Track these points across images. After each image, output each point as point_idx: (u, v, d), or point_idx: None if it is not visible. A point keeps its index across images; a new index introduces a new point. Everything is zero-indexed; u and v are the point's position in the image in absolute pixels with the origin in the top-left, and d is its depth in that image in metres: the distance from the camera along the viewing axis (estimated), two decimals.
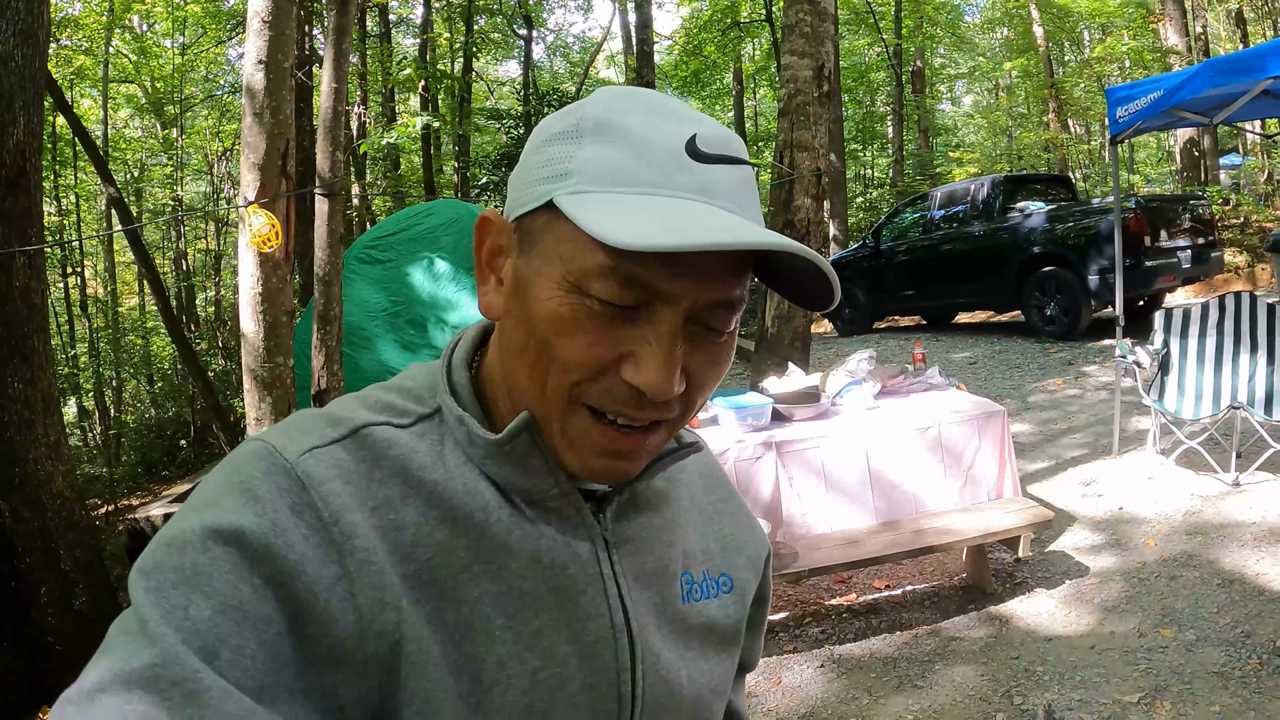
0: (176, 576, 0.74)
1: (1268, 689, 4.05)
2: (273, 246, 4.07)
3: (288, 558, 0.77)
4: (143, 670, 0.69)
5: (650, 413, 0.84)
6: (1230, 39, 28.02)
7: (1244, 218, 19.42)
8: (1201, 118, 7.59)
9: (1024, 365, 11.50)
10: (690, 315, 0.82)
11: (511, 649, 0.87)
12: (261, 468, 0.81)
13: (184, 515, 0.79)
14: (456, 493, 0.87)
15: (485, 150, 22.17)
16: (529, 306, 0.83)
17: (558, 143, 0.84)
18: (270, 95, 3.87)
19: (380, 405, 0.91)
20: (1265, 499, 6.18)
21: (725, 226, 0.77)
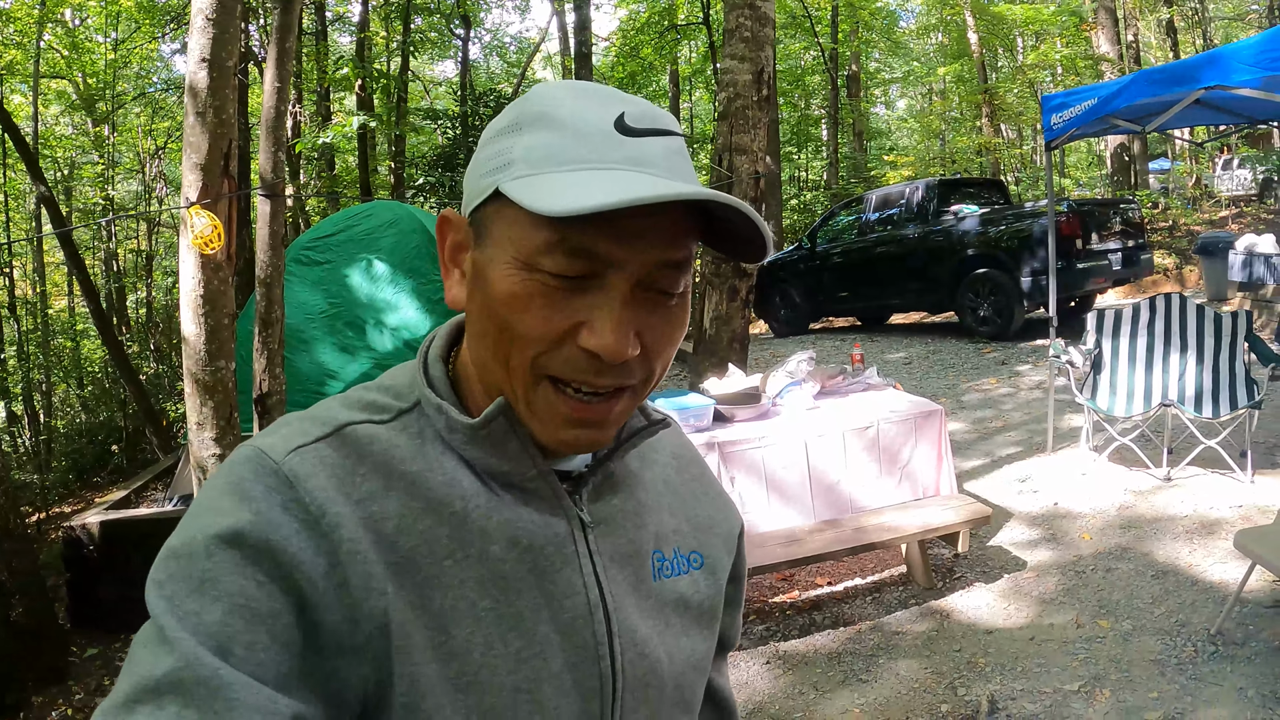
0: (187, 585, 0.78)
1: (1204, 675, 4.16)
2: (215, 248, 4.02)
3: (286, 550, 0.81)
4: (167, 676, 0.74)
5: (609, 378, 0.87)
6: (1161, 47, 28.66)
7: (1173, 221, 19.88)
8: (1134, 125, 7.75)
9: (958, 365, 11.67)
10: (639, 281, 0.85)
11: (495, 631, 0.89)
12: (251, 469, 0.85)
13: (187, 524, 0.82)
14: (437, 483, 0.90)
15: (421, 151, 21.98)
16: (487, 291, 0.87)
17: (501, 138, 0.89)
18: (213, 94, 3.81)
19: (361, 404, 0.94)
20: (1196, 493, 6.35)
21: (653, 186, 0.80)
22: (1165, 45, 28.02)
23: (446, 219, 0.95)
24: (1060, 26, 27.31)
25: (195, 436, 4.22)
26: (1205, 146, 23.23)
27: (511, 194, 0.82)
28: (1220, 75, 5.65)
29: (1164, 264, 16.81)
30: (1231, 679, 4.11)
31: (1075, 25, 26.64)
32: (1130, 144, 22.02)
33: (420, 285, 7.30)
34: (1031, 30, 29.20)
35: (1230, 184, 24.02)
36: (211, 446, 4.19)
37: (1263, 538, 4.37)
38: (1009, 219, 12.67)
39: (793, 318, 15.27)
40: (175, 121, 20.02)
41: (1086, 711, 3.98)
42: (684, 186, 0.81)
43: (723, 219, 0.88)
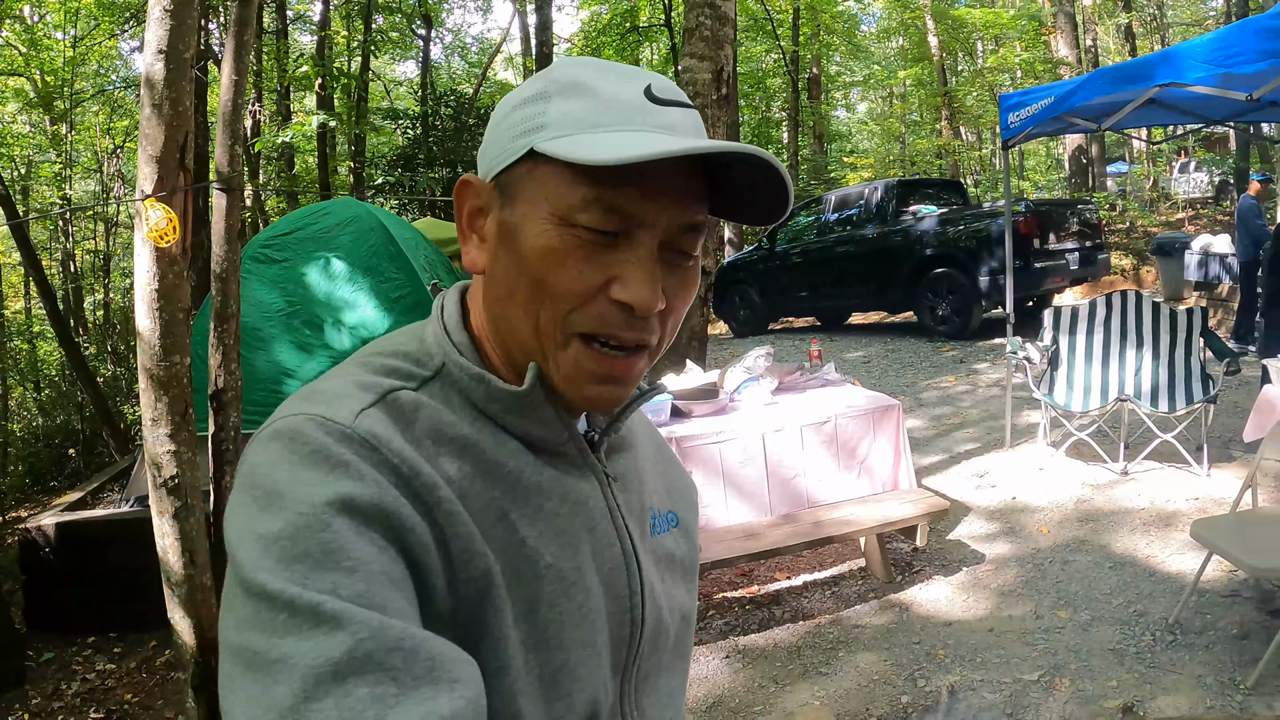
0: (309, 563, 0.72)
1: (1162, 664, 4.20)
2: (170, 241, 3.96)
3: (398, 513, 0.79)
4: (349, 654, 0.69)
5: (636, 333, 0.90)
6: (1119, 52, 29.02)
7: (1130, 222, 20.11)
8: (1090, 124, 7.81)
9: (917, 364, 11.74)
10: (664, 241, 0.90)
11: (558, 587, 0.91)
12: (328, 435, 0.81)
13: (268, 504, 0.76)
14: (487, 444, 0.91)
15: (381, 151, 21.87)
16: (519, 248, 0.89)
17: (527, 105, 0.91)
18: (170, 86, 3.75)
19: (387, 370, 0.92)
20: (1152, 486, 6.42)
21: (686, 142, 0.83)
22: (1123, 50, 28.38)
23: (468, 182, 0.96)
24: (1020, 31, 27.59)
25: (149, 433, 4.14)
26: (1163, 149, 23.53)
27: (552, 150, 0.85)
28: (1175, 73, 5.70)
29: (1121, 264, 16.99)
30: (1190, 667, 4.15)
31: (1034, 30, 26.92)
32: (1088, 146, 22.28)
33: (378, 284, 7.24)
34: (991, 34, 29.52)
35: (1187, 186, 24.35)
36: (166, 443, 4.12)
37: (1219, 528, 4.41)
38: (967, 219, 12.78)
39: (751, 318, 15.31)
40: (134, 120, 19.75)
41: (1046, 701, 3.99)
42: (725, 143, 0.84)
43: (738, 184, 0.93)
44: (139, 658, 5.78)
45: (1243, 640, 4.32)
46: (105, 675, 5.60)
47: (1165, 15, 31.10)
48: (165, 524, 4.15)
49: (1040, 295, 13.05)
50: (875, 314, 15.93)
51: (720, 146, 0.83)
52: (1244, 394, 8.11)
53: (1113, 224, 19.55)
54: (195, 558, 4.22)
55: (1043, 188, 27.03)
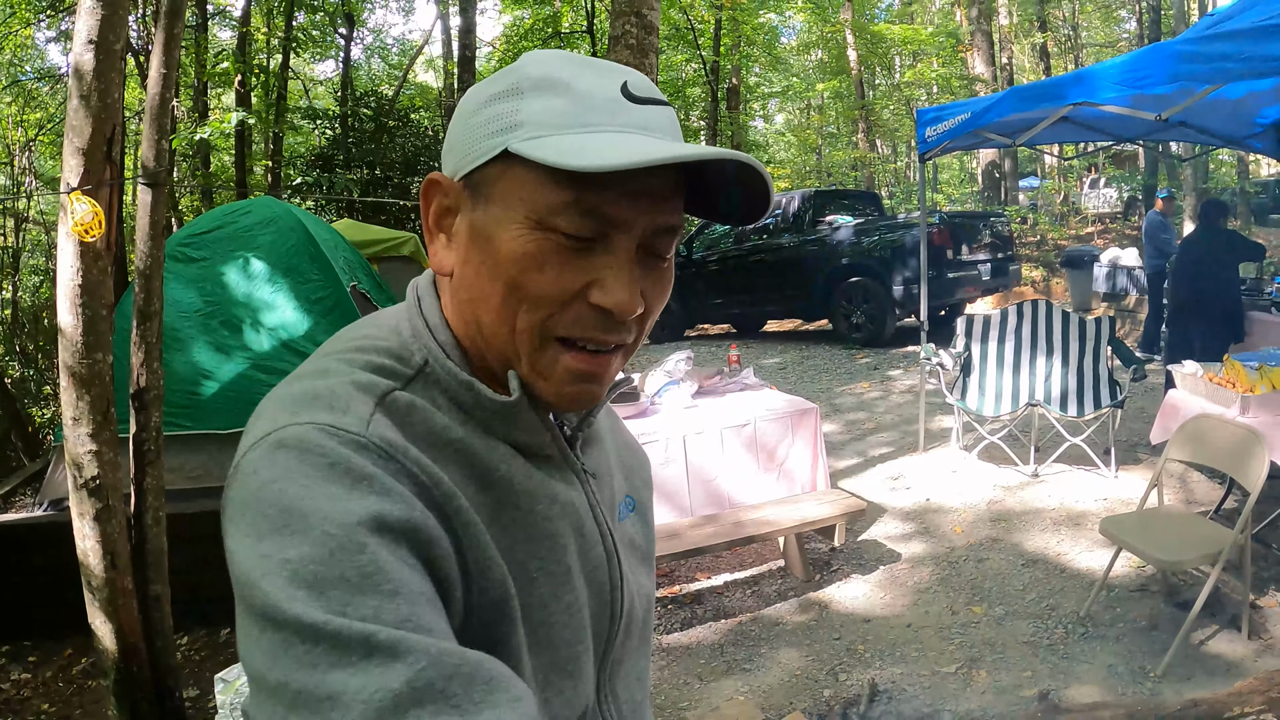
0: (346, 589, 0.69)
1: (1074, 654, 4.36)
2: (95, 235, 3.90)
3: (427, 527, 0.77)
4: (409, 685, 0.65)
5: (615, 335, 0.89)
6: (1034, 70, 29.78)
7: (1040, 235, 20.67)
8: (1005, 139, 8.01)
9: (832, 370, 11.91)
10: (640, 243, 0.88)
11: (549, 589, 0.92)
12: (342, 446, 0.77)
13: (285, 525, 0.72)
14: (479, 449, 0.89)
15: (298, 151, 21.57)
16: (493, 252, 0.87)
17: (498, 102, 0.89)
18: (99, 77, 3.68)
19: (375, 367, 0.89)
20: (1062, 487, 6.63)
21: (673, 148, 0.83)
22: (1039, 68, 29.18)
23: (435, 181, 0.94)
24: (938, 47, 28.19)
25: (70, 432, 4.06)
26: (1074, 165, 24.14)
27: (530, 152, 0.83)
28: (1088, 92, 5.86)
29: (1031, 276, 17.43)
30: (1101, 657, 4.31)
31: (952, 46, 27.54)
32: (1001, 161, 22.82)
33: (298, 285, 7.15)
34: (909, 50, 30.12)
35: (1097, 201, 25.06)
36: (87, 442, 4.04)
37: (1127, 525, 4.58)
38: (882, 230, 13.03)
39: (669, 323, 15.33)
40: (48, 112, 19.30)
41: (964, 692, 4.11)
42: (709, 149, 0.83)
43: (711, 184, 0.92)
44: (55, 665, 5.64)
45: (1151, 631, 4.50)
46: (20, 685, 5.46)
47: (1080, 36, 31.96)
48: (86, 526, 4.08)
49: (953, 304, 13.31)
50: (790, 321, 16.11)
51: (707, 153, 0.82)
52: (1149, 399, 8.38)
53: (1024, 237, 20.06)
54: (117, 560, 4.14)
55: (956, 200, 27.58)
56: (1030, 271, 17.44)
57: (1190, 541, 4.31)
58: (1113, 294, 15.09)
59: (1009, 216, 16.35)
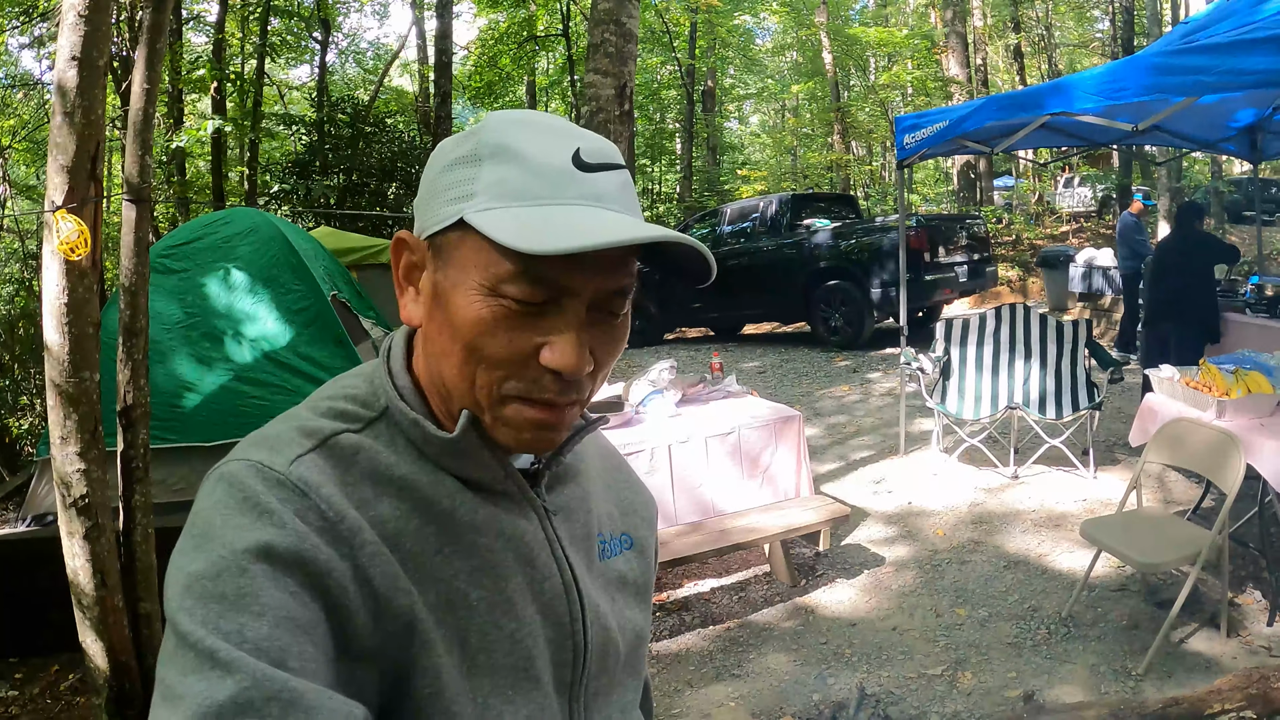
0: (223, 605, 0.78)
1: (1057, 654, 4.44)
2: (81, 254, 3.90)
3: (316, 559, 0.84)
4: (233, 699, 0.73)
5: (566, 395, 0.94)
6: (1008, 71, 29.92)
7: (1016, 236, 20.79)
8: (982, 146, 8.09)
9: (811, 373, 11.97)
10: (591, 303, 0.92)
11: (488, 617, 0.96)
12: (261, 482, 0.86)
13: (199, 545, 0.82)
14: (423, 484, 0.96)
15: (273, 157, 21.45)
16: (451, 315, 0.92)
17: (459, 167, 0.93)
18: (83, 94, 3.67)
19: (334, 413, 0.97)
20: (1042, 489, 6.72)
21: (617, 226, 0.88)
22: (1012, 69, 29.33)
23: (403, 240, 0.99)
24: (912, 49, 28.33)
25: (59, 451, 4.05)
26: (1048, 166, 24.31)
27: (481, 227, 0.87)
28: (1065, 102, 5.93)
29: (1008, 276, 17.54)
30: (1084, 657, 4.38)
31: (927, 48, 27.70)
32: (976, 163, 22.96)
33: (280, 295, 7.14)
34: (884, 52, 30.27)
35: (1071, 201, 25.19)
36: (76, 461, 4.03)
37: (1107, 527, 4.64)
38: (859, 233, 13.10)
39: (647, 328, 15.33)
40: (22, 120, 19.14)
41: (950, 693, 4.17)
42: (647, 230, 0.88)
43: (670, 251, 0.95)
44: (42, 683, 5.62)
45: (1132, 631, 4.58)
46: (8, 702, 5.44)
47: (1053, 37, 32.12)
48: (75, 544, 4.07)
49: (930, 306, 13.41)
50: (768, 325, 16.16)
51: (642, 237, 0.86)
52: (1127, 400, 8.49)
53: (1000, 237, 20.19)
54: (107, 579, 4.13)
55: (931, 201, 27.73)
56: (1007, 272, 17.57)
57: (1169, 543, 4.38)
58: (1089, 294, 15.21)
59: (985, 218, 16.46)
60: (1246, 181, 21.46)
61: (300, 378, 6.70)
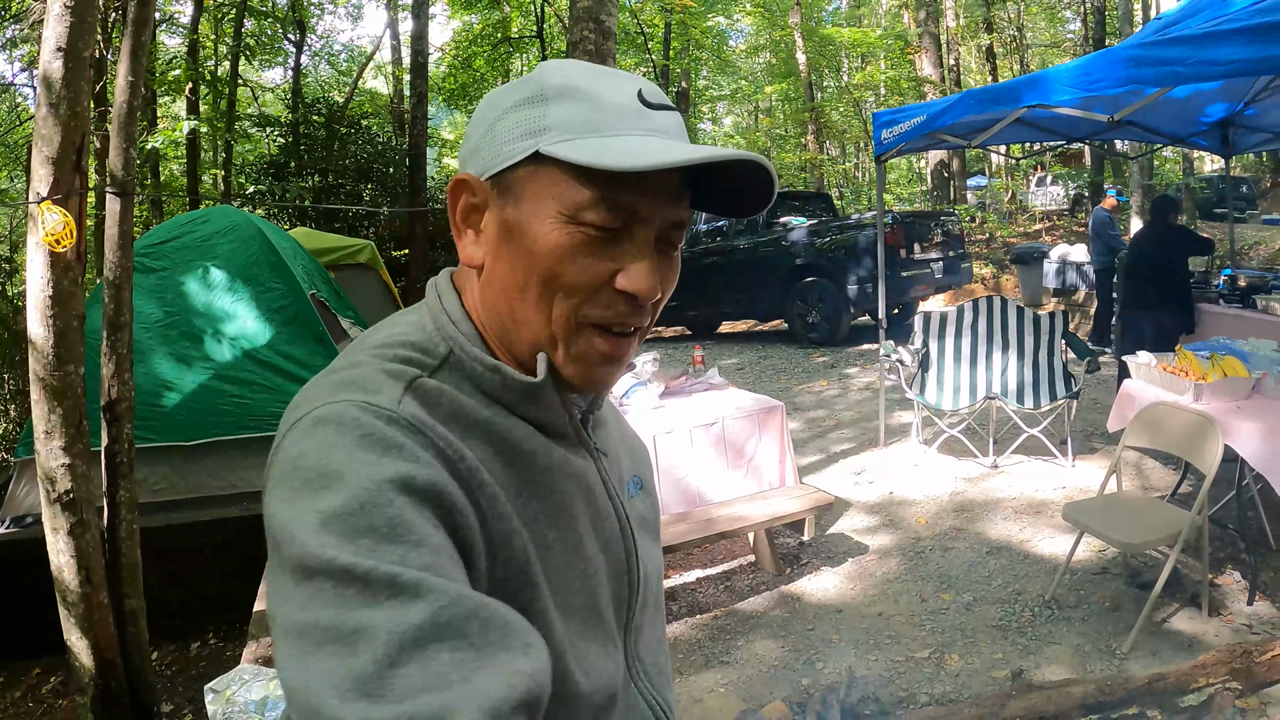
0: (375, 536, 0.74)
1: (1042, 635, 4.50)
2: (66, 246, 3.88)
3: (452, 494, 0.84)
4: (431, 620, 0.71)
5: (637, 318, 0.98)
6: (981, 71, 30.19)
7: (990, 233, 20.94)
8: (959, 141, 8.15)
9: (790, 369, 12.05)
10: (657, 235, 0.97)
11: (564, 558, 0.99)
12: (376, 418, 0.84)
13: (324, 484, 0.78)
14: (502, 427, 0.97)
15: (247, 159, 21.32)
16: (528, 245, 0.95)
17: (522, 108, 0.97)
18: (68, 86, 3.65)
19: (402, 358, 0.96)
20: (1021, 477, 6.80)
21: (693, 149, 0.92)
22: (985, 69, 29.59)
23: (464, 181, 1.01)
24: (886, 49, 28.48)
25: (43, 446, 4.02)
26: (1021, 164, 24.48)
27: (563, 154, 0.91)
28: (1042, 95, 5.99)
29: (982, 273, 17.65)
30: (1068, 638, 4.45)
31: (900, 48, 27.88)
32: (949, 161, 23.11)
33: (259, 294, 7.11)
34: (858, 52, 30.38)
35: (1044, 199, 25.39)
36: (60, 456, 4.00)
37: (1088, 510, 4.70)
38: (835, 230, 13.18)
39: None
40: None
41: (938, 674, 4.22)
42: (723, 150, 0.92)
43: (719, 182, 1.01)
44: (24, 686, 5.59)
45: (1115, 612, 4.65)
46: None
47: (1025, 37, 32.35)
48: (60, 541, 4.05)
49: (906, 303, 13.49)
50: (746, 322, 16.22)
51: (728, 155, 0.92)
52: (1104, 391, 8.58)
53: (973, 235, 20.31)
54: (92, 575, 4.12)
55: (905, 200, 27.87)
56: (981, 269, 17.68)
57: (1150, 524, 4.44)
58: (1063, 289, 15.35)
59: (959, 215, 16.58)
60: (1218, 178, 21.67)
61: (281, 376, 6.69)
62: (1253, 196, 23.59)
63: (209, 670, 5.36)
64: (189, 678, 5.48)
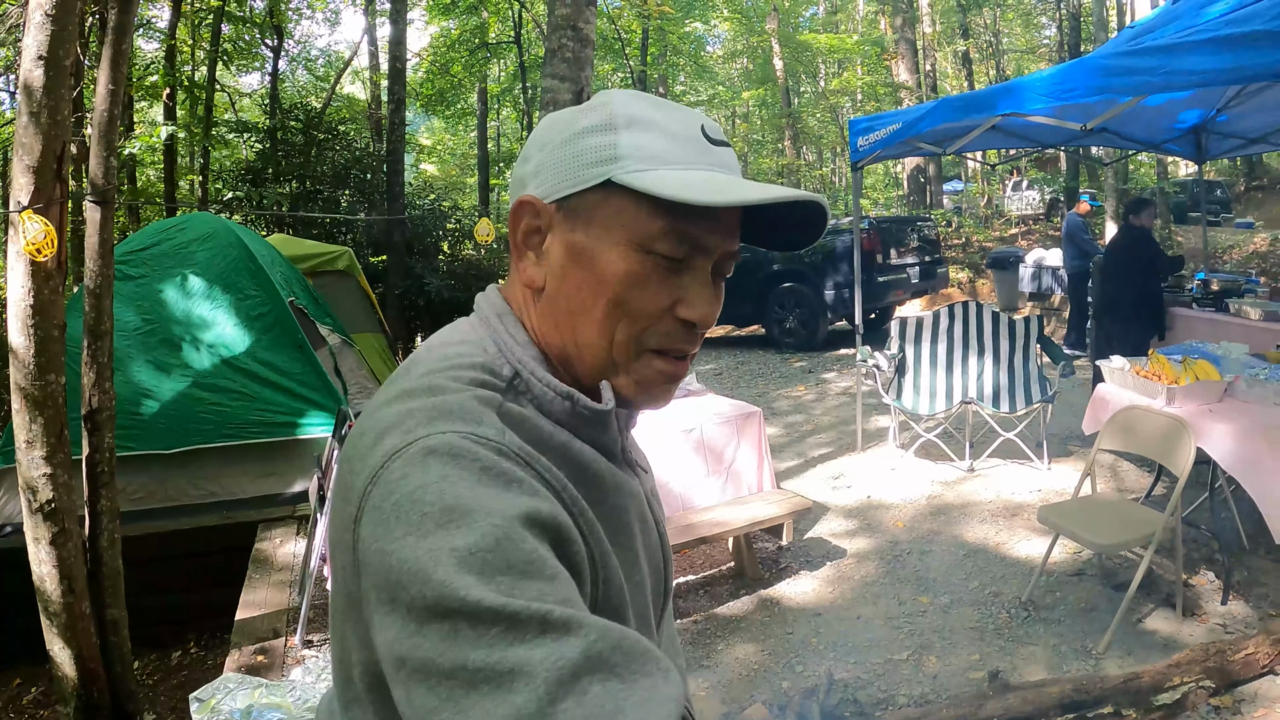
0: (513, 574, 0.74)
1: (1019, 637, 4.55)
2: (47, 255, 3.89)
3: (569, 525, 0.86)
4: (584, 655, 0.71)
5: (693, 345, 1.02)
6: (957, 77, 30.38)
7: (966, 238, 21.03)
8: (935, 148, 8.23)
9: (767, 375, 12.11)
10: (713, 266, 1.02)
11: (625, 571, 1.00)
12: (489, 452, 0.84)
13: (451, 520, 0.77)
14: (574, 450, 0.99)
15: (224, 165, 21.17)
16: (597, 270, 0.98)
17: (592, 135, 0.99)
18: (49, 94, 3.65)
19: (479, 382, 0.95)
20: (998, 481, 6.87)
21: (759, 188, 0.96)
22: (961, 75, 29.81)
23: (529, 203, 1.02)
24: (862, 55, 28.60)
25: (24, 456, 4.02)
26: (996, 169, 24.64)
27: (644, 185, 0.94)
28: (1017, 103, 6.04)
29: (958, 278, 17.76)
30: (1045, 638, 4.50)
31: (877, 55, 28.03)
32: (926, 166, 23.27)
33: (238, 301, 7.11)
34: (835, 58, 30.46)
35: (1019, 204, 25.58)
36: (42, 465, 3.99)
37: (1064, 512, 4.76)
38: None
39: None
40: None
41: (917, 676, 4.26)
42: (794, 191, 0.96)
43: (768, 218, 1.06)
44: (4, 696, 5.58)
45: (1091, 613, 4.70)
46: None
47: (1001, 43, 32.60)
48: (42, 551, 4.05)
49: (883, 307, 13.57)
50: (723, 328, 16.28)
51: (799, 195, 0.95)
52: (1079, 395, 8.65)
53: (950, 240, 20.41)
54: (74, 585, 4.12)
55: (881, 205, 27.98)
56: (957, 273, 17.79)
57: (1124, 526, 4.50)
58: (1038, 293, 15.47)
59: (935, 220, 16.69)
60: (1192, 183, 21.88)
61: (259, 383, 6.69)
62: (1227, 200, 23.87)
63: (190, 679, 5.37)
64: (170, 686, 5.49)
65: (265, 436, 6.53)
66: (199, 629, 6.00)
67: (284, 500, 6.48)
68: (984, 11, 29.41)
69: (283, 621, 4.72)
